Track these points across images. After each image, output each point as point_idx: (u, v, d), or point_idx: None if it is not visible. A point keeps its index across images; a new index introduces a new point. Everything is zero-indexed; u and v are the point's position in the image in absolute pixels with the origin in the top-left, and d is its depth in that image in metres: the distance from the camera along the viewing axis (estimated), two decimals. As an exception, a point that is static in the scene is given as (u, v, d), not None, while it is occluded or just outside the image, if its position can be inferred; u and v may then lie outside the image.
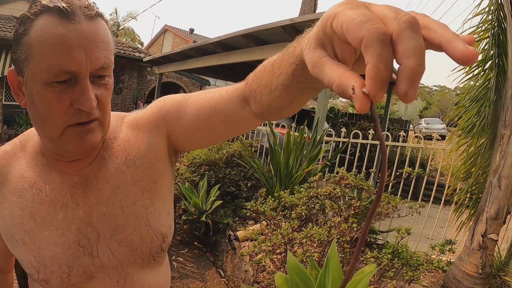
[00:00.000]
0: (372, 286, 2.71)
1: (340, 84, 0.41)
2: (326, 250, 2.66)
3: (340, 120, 11.25)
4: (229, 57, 7.87)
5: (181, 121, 0.94)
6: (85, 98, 0.76)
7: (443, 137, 5.58)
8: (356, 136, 5.09)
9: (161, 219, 0.98)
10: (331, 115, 11.48)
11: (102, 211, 0.91)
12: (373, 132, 4.72)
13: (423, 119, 33.46)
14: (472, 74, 4.07)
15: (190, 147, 1.06)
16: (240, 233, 4.27)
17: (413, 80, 0.37)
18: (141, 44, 39.12)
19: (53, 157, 0.90)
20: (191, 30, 32.04)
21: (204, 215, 4.67)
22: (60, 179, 0.90)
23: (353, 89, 0.39)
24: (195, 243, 5.14)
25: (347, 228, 2.60)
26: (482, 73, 4.02)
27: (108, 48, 0.81)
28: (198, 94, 0.95)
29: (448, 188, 4.37)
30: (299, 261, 2.52)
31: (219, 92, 0.90)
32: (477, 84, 4.06)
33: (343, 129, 5.11)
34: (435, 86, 59.09)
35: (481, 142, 3.99)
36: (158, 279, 1.03)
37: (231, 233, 4.49)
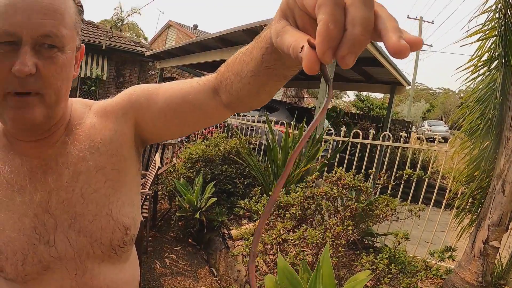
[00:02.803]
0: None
1: (294, 45, 0.44)
2: (320, 253, 2.55)
3: (342, 119, 11.15)
4: (230, 53, 7.62)
5: (151, 109, 0.93)
6: (19, 61, 0.72)
7: (445, 139, 5.50)
8: (356, 135, 4.96)
9: (123, 210, 0.94)
10: (332, 114, 11.38)
11: (61, 198, 0.86)
12: (374, 132, 4.60)
13: (426, 121, 33.34)
14: (477, 73, 3.94)
15: (158, 137, 1.02)
16: (234, 232, 4.18)
17: (353, 47, 0.40)
18: (145, 39, 39.26)
19: (14, 137, 0.87)
20: (195, 26, 32.01)
21: (198, 212, 4.58)
22: (19, 161, 0.86)
23: (302, 48, 0.42)
24: (189, 240, 5.06)
25: (342, 230, 2.48)
26: (487, 73, 3.89)
27: (59, 19, 0.77)
28: (169, 84, 0.95)
29: (449, 192, 4.25)
30: (291, 263, 2.41)
31: (191, 82, 0.92)
32: (483, 84, 3.93)
33: (343, 128, 4.98)
34: (439, 88, 58.98)
35: (485, 145, 3.87)
36: (121, 275, 0.98)
37: (225, 232, 4.39)
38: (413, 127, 16.91)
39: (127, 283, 1.00)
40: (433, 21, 60.22)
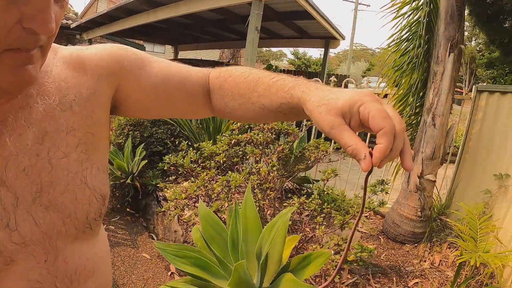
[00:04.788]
0: (302, 234, 2.53)
1: (356, 149, 0.60)
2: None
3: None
4: (157, 14, 7.60)
5: (141, 83, 0.84)
6: (45, 17, 0.53)
7: (385, 95, 5.72)
8: None
9: (99, 176, 0.78)
10: (268, 72, 11.34)
11: (22, 164, 0.66)
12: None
13: (365, 78, 34.08)
14: (408, 7, 3.94)
15: (134, 112, 0.91)
16: (168, 193, 4.03)
17: (389, 159, 0.61)
18: (76, 15, 37.61)
19: None
20: (126, -4, 30.89)
21: (131, 177, 4.38)
22: None
23: (365, 155, 0.59)
24: (127, 209, 4.89)
25: (267, 172, 2.37)
26: (414, 11, 3.91)
27: None
28: (166, 62, 0.88)
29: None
30: (215, 211, 2.29)
31: (188, 69, 0.90)
32: (412, 19, 3.95)
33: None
34: (378, 48, 60.54)
35: (412, 81, 3.88)
36: (96, 250, 0.82)
37: (160, 194, 4.24)
38: (352, 85, 17.22)
39: (102, 258, 0.85)
40: (367, -21, 61.27)
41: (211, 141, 3.13)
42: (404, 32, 4.03)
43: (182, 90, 0.87)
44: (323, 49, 11.71)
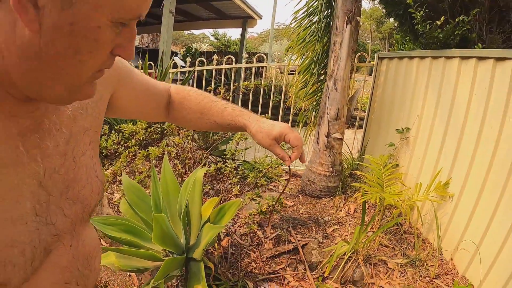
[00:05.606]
0: (222, 196, 2.78)
1: (283, 156, 1.10)
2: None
3: (199, 58, 11.31)
4: None
5: (129, 91, 1.02)
6: (132, 45, 0.63)
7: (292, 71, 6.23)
8: (201, 63, 5.19)
9: (101, 168, 0.90)
10: (188, 54, 11.41)
11: (53, 164, 0.71)
12: (217, 57, 4.76)
13: (288, 55, 34.71)
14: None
15: (117, 114, 1.07)
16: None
17: (297, 158, 1.13)
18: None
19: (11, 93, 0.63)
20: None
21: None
22: (5, 122, 0.62)
23: (287, 159, 1.10)
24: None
25: (183, 142, 2.60)
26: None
27: None
28: (142, 74, 1.10)
29: (292, 100, 4.59)
30: (140, 181, 2.49)
31: (156, 82, 1.15)
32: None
33: (188, 59, 5.10)
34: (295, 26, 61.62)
35: (316, 52, 4.21)
36: (94, 231, 0.94)
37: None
38: (273, 62, 17.69)
39: (98, 237, 0.96)
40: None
41: (131, 122, 3.29)
42: (308, 7, 4.37)
43: (154, 100, 1.12)
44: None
